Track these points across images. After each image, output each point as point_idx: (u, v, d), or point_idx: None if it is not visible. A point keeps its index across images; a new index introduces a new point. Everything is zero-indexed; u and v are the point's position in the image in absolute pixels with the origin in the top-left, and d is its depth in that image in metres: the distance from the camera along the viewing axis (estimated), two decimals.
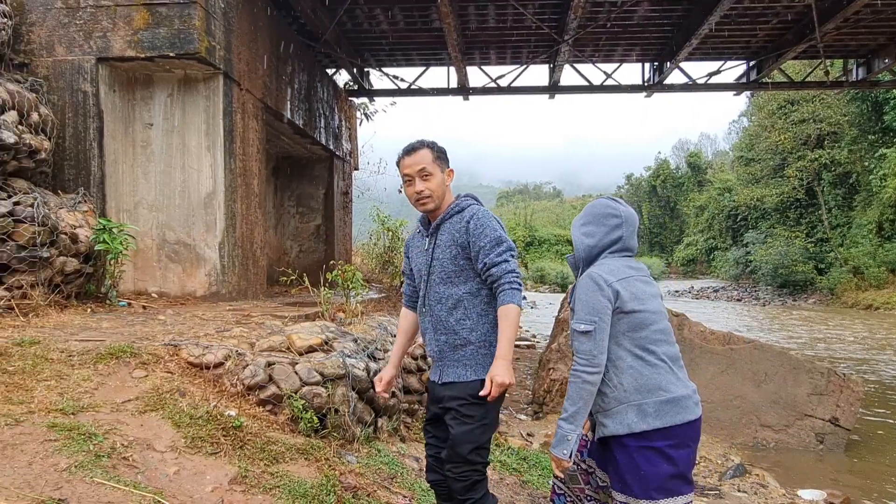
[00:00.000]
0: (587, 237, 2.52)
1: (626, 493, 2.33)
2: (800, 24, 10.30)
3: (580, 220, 2.59)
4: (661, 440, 2.29)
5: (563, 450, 2.34)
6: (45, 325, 4.45)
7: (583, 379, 2.32)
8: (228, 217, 6.94)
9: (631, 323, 2.36)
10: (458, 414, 2.55)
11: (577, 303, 2.40)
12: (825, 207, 32.13)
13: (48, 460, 2.62)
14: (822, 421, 6.51)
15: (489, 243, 2.52)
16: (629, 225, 2.50)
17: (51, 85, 6.31)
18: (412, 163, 2.63)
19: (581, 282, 2.43)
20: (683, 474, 2.33)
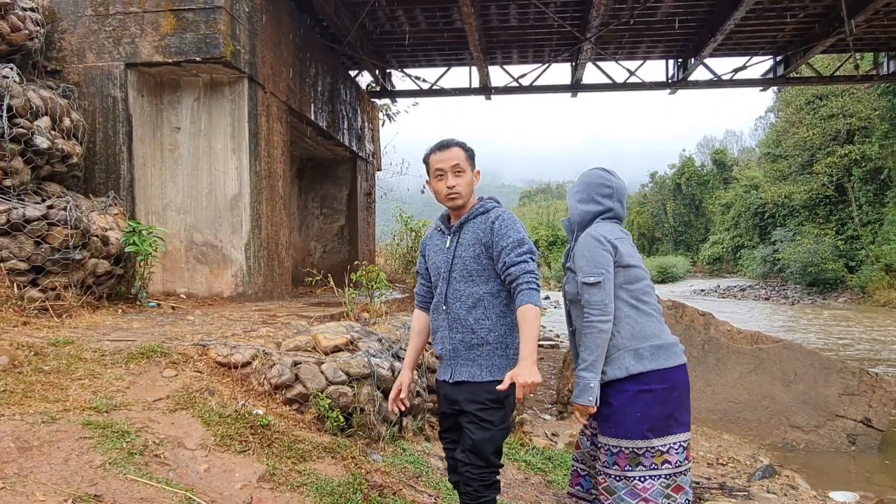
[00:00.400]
0: (581, 203, 2.73)
1: (618, 435, 2.48)
2: (828, 17, 10.11)
3: (575, 189, 2.80)
4: (657, 383, 2.48)
5: (589, 397, 2.47)
6: (78, 326, 4.56)
7: (598, 328, 2.48)
8: (254, 219, 7.03)
9: (627, 276, 2.57)
10: (476, 419, 2.53)
11: (581, 259, 2.57)
12: (856, 204, 31.43)
13: (83, 457, 2.68)
14: (854, 422, 6.38)
15: (511, 244, 2.53)
16: (620, 196, 2.73)
17: (82, 91, 6.45)
18: (446, 158, 2.64)
19: (581, 241, 2.61)
20: (675, 415, 2.50)
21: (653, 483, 2.44)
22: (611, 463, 2.50)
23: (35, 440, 2.72)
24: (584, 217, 2.71)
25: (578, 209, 2.73)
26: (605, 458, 2.53)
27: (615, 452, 2.50)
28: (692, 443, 6.13)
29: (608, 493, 2.51)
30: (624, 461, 2.47)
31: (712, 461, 5.69)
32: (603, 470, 2.53)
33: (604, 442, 2.54)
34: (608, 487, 2.51)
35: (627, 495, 2.45)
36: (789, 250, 32.49)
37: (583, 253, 2.57)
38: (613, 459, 2.50)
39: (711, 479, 5.10)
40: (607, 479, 2.51)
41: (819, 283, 30.33)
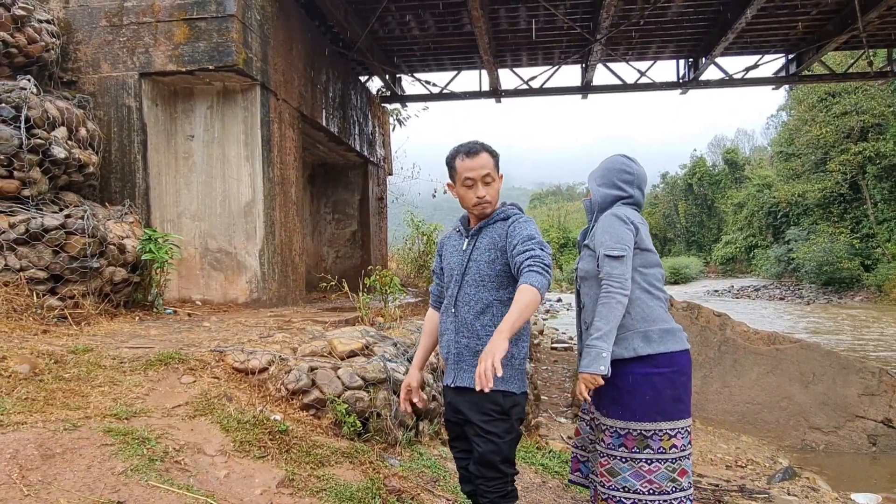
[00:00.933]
0: (602, 187, 2.78)
1: (627, 417, 2.49)
2: (841, 14, 10.03)
3: (597, 173, 2.85)
4: (666, 366, 2.50)
5: (601, 366, 2.43)
6: (96, 333, 4.60)
7: (616, 300, 2.47)
8: (268, 225, 7.07)
9: (643, 260, 2.61)
10: (482, 431, 2.48)
11: (604, 234, 2.60)
12: (871, 202, 31.11)
13: (105, 464, 2.71)
14: (875, 422, 6.31)
15: (523, 238, 2.46)
16: (640, 183, 2.79)
17: (97, 101, 6.53)
18: (476, 166, 2.58)
19: (604, 219, 2.65)
20: (682, 399, 2.51)
21: (659, 466, 2.46)
22: (617, 445, 2.50)
23: (58, 447, 2.75)
24: (605, 199, 2.75)
25: (600, 192, 2.78)
26: (611, 440, 2.52)
27: (623, 434, 2.50)
28: (710, 445, 6.09)
29: (611, 474, 2.50)
30: (632, 443, 2.48)
31: (731, 463, 5.64)
32: (607, 452, 2.53)
33: (609, 424, 2.53)
34: (611, 469, 2.50)
35: (632, 476, 2.46)
36: (804, 249, 32.22)
37: (606, 229, 2.60)
38: (620, 441, 2.50)
39: (731, 481, 5.06)
40: (611, 461, 2.51)
41: (834, 283, 30.04)
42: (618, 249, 2.52)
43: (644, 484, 2.44)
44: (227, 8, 6.46)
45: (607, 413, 2.54)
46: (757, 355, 6.63)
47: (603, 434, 2.55)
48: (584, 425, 2.78)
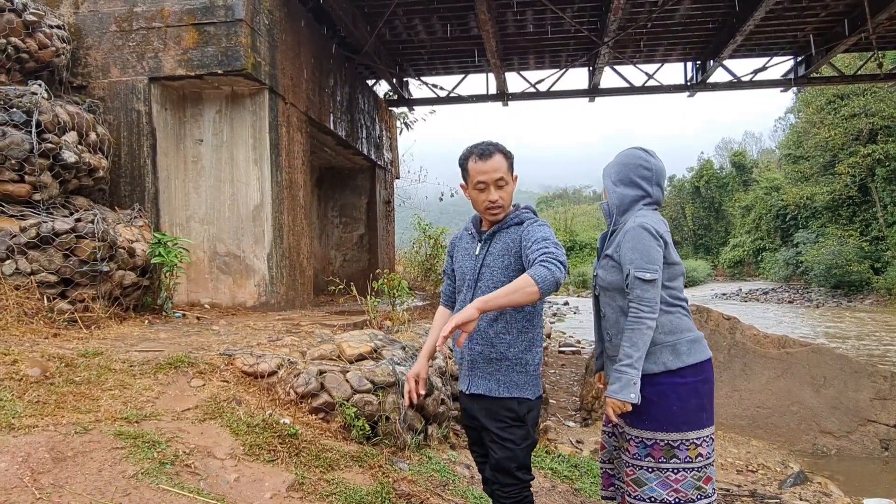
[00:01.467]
0: (618, 186, 2.61)
1: (654, 428, 2.45)
2: (850, 16, 9.98)
3: (612, 170, 2.67)
4: (692, 376, 2.47)
5: (631, 393, 2.38)
6: (106, 337, 4.61)
7: (647, 325, 2.40)
8: (276, 228, 7.09)
9: (670, 273, 2.52)
10: (497, 438, 2.47)
11: (633, 252, 2.45)
12: (880, 204, 30.89)
13: (116, 467, 2.71)
14: (887, 426, 6.25)
15: (537, 239, 2.39)
16: (659, 179, 2.62)
17: (107, 105, 6.57)
18: (489, 169, 2.50)
19: (634, 232, 2.47)
20: (706, 407, 2.50)
21: (685, 475, 2.44)
22: (643, 455, 2.47)
23: (69, 451, 2.76)
24: (623, 201, 2.59)
25: (616, 192, 2.61)
26: (637, 450, 2.49)
27: (649, 445, 2.46)
28: (721, 449, 6.05)
29: (637, 484, 2.48)
30: (659, 453, 2.45)
31: (742, 468, 5.60)
32: (633, 462, 2.50)
33: (635, 434, 2.49)
34: (637, 479, 2.48)
35: (659, 486, 2.44)
36: (812, 252, 32.01)
37: (635, 245, 2.44)
38: (647, 451, 2.47)
39: (742, 486, 5.02)
40: (637, 471, 2.48)
41: (844, 286, 29.82)
42: (650, 272, 2.40)
43: (670, 493, 2.43)
44: (236, 13, 6.49)
45: (633, 423, 2.49)
46: (767, 359, 6.59)
47: (628, 444, 2.52)
48: (607, 437, 2.75)
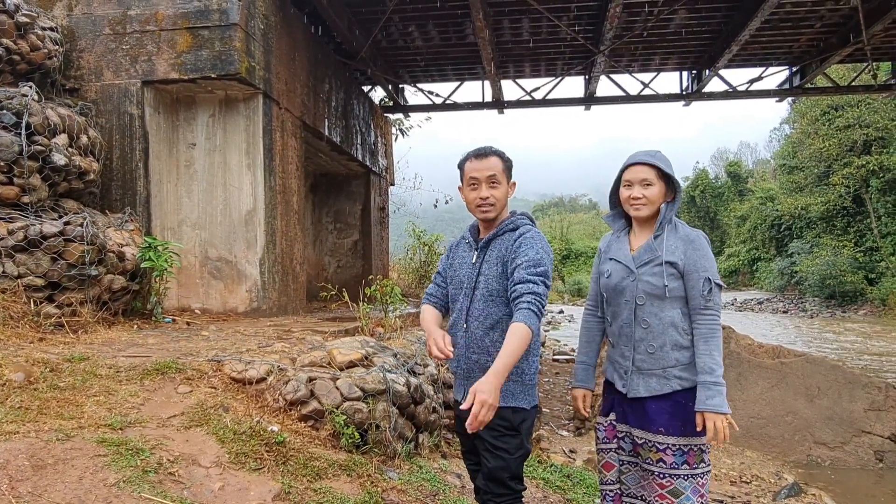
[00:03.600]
0: (679, 189, 2.60)
1: (687, 433, 2.47)
2: (845, 27, 10.02)
3: (667, 164, 2.60)
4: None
5: (726, 404, 2.43)
6: (93, 342, 4.55)
7: (720, 330, 2.51)
8: (269, 234, 7.04)
9: None
10: (491, 447, 2.45)
11: (705, 259, 2.51)
12: (874, 215, 31.01)
13: (97, 475, 2.65)
14: (882, 438, 6.22)
15: (527, 262, 2.40)
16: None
17: (99, 108, 6.52)
18: (483, 167, 2.53)
19: (700, 240, 2.54)
20: None
21: (706, 478, 2.52)
22: (680, 463, 2.49)
23: (49, 458, 2.70)
24: (679, 206, 2.63)
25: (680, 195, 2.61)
26: (674, 458, 2.49)
27: (686, 451, 2.49)
28: (715, 460, 6.01)
29: (674, 496, 2.48)
30: (693, 459, 2.49)
31: (736, 479, 5.56)
32: (669, 473, 2.49)
33: (672, 442, 2.49)
34: (674, 490, 2.48)
35: (692, 493, 2.47)
36: (807, 262, 32.09)
37: (705, 253, 2.52)
38: (684, 458, 2.49)
39: (735, 497, 4.98)
40: (675, 482, 2.49)
41: (838, 296, 29.89)
42: (719, 280, 2.52)
43: (698, 499, 2.48)
44: (230, 17, 6.46)
45: (669, 431, 2.49)
46: (762, 369, 6.56)
47: (662, 454, 2.50)
48: (613, 455, 2.67)
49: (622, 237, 2.71)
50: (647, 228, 2.64)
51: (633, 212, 2.61)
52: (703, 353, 2.46)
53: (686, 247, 2.52)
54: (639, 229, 2.67)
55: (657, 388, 2.52)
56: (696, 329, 2.50)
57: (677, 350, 2.51)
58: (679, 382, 2.51)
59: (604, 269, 2.70)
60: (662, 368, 2.52)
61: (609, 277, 2.65)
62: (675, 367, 2.51)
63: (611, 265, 2.67)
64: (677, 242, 2.54)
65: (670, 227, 2.58)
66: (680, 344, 2.51)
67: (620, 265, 2.62)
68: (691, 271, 2.49)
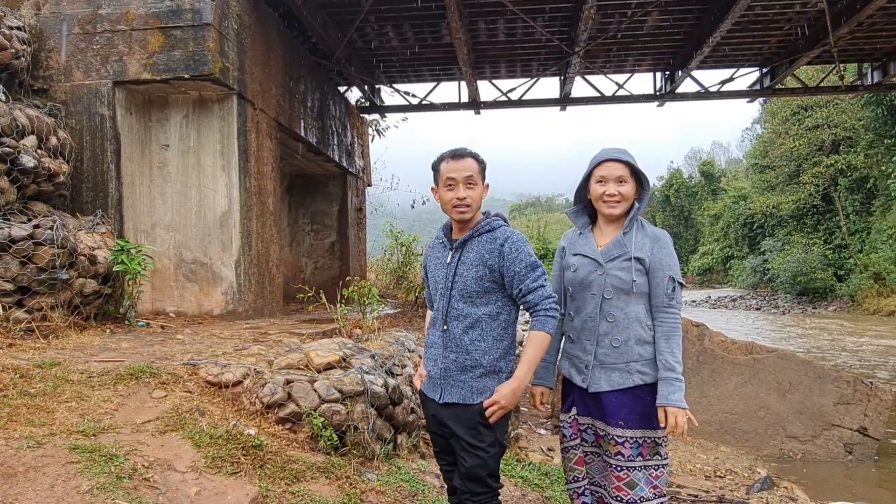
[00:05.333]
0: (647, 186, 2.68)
1: (644, 426, 2.55)
2: (813, 30, 10.23)
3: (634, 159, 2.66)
4: None
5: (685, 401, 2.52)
6: (65, 347, 4.47)
7: (681, 328, 2.59)
8: (244, 235, 6.97)
9: None
10: (468, 445, 2.47)
11: (670, 257, 2.59)
12: (843, 213, 31.73)
13: (70, 482, 2.61)
14: (851, 431, 6.36)
15: (524, 269, 2.47)
16: None
17: (69, 109, 6.40)
18: (459, 168, 2.56)
19: (666, 240, 2.61)
20: None
21: (662, 472, 2.57)
22: (635, 455, 2.55)
23: (20, 466, 2.65)
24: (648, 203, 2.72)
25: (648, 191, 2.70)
26: (630, 451, 2.55)
27: (641, 443, 2.55)
28: (689, 455, 6.09)
29: (630, 487, 2.54)
30: (647, 451, 2.55)
31: (710, 473, 5.64)
32: (626, 465, 2.55)
33: (629, 435, 2.55)
34: (631, 482, 2.54)
35: (646, 484, 2.53)
36: (779, 260, 32.71)
37: (670, 252, 2.59)
38: (638, 451, 2.55)
39: (710, 492, 5.06)
40: (630, 473, 2.54)
41: (809, 293, 30.51)
42: (682, 278, 2.61)
43: (651, 489, 2.53)
44: (203, 17, 6.39)
45: (628, 425, 2.55)
46: (735, 365, 6.67)
47: (620, 447, 2.55)
48: (579, 452, 2.70)
49: (586, 233, 2.74)
50: (614, 225, 2.68)
51: (608, 209, 2.63)
52: (665, 350, 2.54)
53: (653, 244, 2.58)
54: (605, 226, 2.71)
55: (619, 382, 2.56)
56: (658, 326, 2.58)
57: (640, 345, 2.56)
58: (641, 377, 2.56)
59: (569, 264, 2.72)
60: (625, 363, 2.56)
61: (575, 272, 2.67)
62: (637, 362, 2.56)
63: (577, 260, 2.69)
64: (644, 240, 2.59)
65: (637, 225, 2.63)
66: (643, 339, 2.57)
67: (588, 259, 2.66)
68: (657, 269, 2.56)
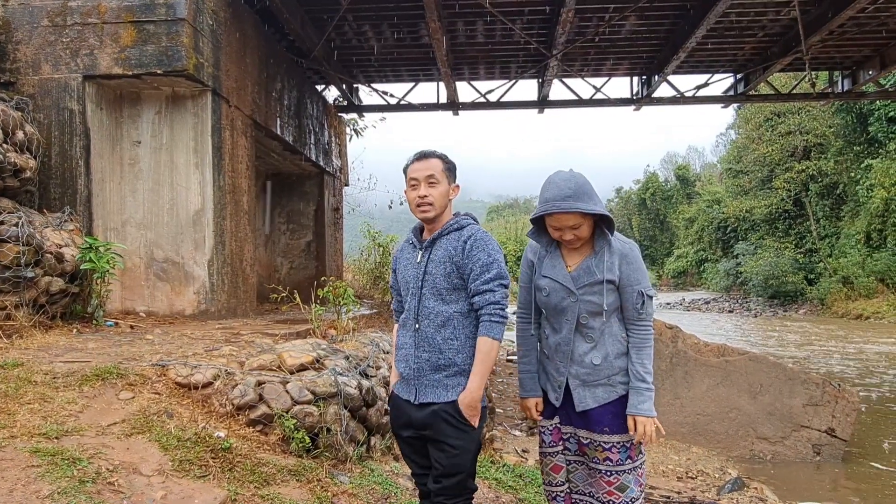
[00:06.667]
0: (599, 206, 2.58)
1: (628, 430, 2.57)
2: (786, 37, 10.41)
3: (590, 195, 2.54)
4: None
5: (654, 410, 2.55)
6: (28, 347, 4.35)
7: (653, 341, 2.62)
8: (217, 234, 6.87)
9: None
10: (445, 446, 2.45)
11: (638, 272, 2.59)
12: (813, 218, 32.38)
13: (30, 487, 2.53)
14: (819, 432, 6.47)
15: (480, 268, 2.46)
16: None
17: (37, 103, 6.25)
18: (422, 167, 2.57)
19: (633, 255, 2.60)
20: None
21: (644, 468, 2.64)
22: (624, 458, 2.58)
23: None
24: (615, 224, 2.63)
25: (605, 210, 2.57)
26: (619, 455, 2.57)
27: (628, 447, 2.58)
28: (662, 457, 6.14)
29: (621, 490, 2.57)
30: (634, 452, 2.59)
31: (682, 475, 5.70)
32: (616, 470, 2.57)
33: (616, 440, 2.57)
34: (621, 485, 2.57)
35: (634, 485, 2.57)
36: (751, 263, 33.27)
37: (637, 266, 2.59)
38: (627, 454, 2.58)
39: (682, 493, 5.10)
40: (621, 477, 2.57)
41: (780, 296, 31.08)
42: (653, 290, 2.64)
43: (638, 488, 2.58)
44: (177, 11, 6.28)
45: (613, 430, 2.57)
46: (707, 367, 6.74)
47: (608, 453, 2.57)
48: (560, 457, 2.71)
49: (553, 252, 2.69)
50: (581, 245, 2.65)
51: (571, 247, 2.64)
52: (636, 361, 2.57)
53: (621, 261, 2.58)
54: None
55: (605, 398, 2.59)
56: (630, 338, 2.60)
57: (619, 358, 2.60)
58: (624, 388, 2.60)
59: (540, 287, 2.68)
60: (608, 377, 2.59)
61: (548, 297, 2.65)
62: (618, 374, 2.60)
63: (547, 283, 2.65)
64: (613, 258, 2.58)
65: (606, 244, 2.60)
66: (621, 352, 2.60)
67: (559, 285, 2.62)
68: (626, 286, 2.58)
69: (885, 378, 11.42)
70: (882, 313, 23.58)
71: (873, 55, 11.45)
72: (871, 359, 13.93)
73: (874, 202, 25.75)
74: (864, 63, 11.80)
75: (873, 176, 25.73)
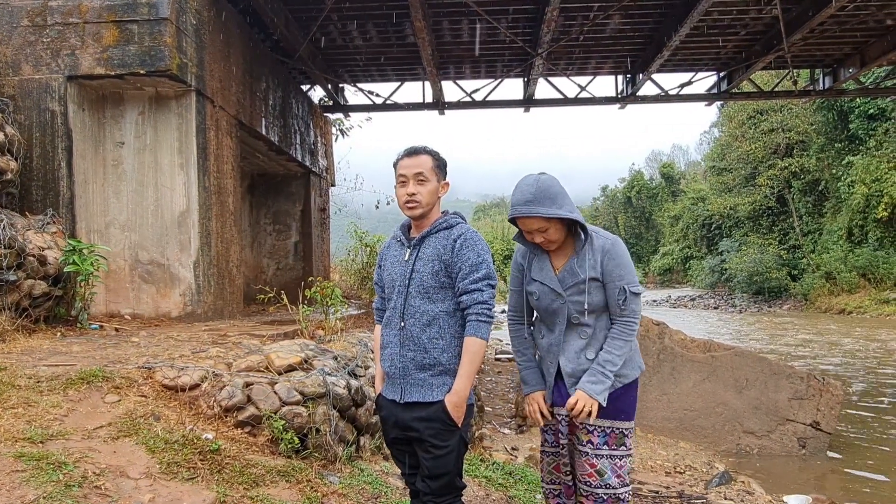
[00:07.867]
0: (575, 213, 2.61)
1: (611, 417, 2.63)
2: (768, 35, 10.51)
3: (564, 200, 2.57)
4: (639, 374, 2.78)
5: (604, 398, 2.57)
6: (11, 351, 4.29)
7: (635, 336, 2.62)
8: (203, 235, 6.82)
9: None
10: (431, 446, 2.44)
11: (623, 268, 2.60)
12: (796, 215, 32.75)
13: (15, 492, 2.50)
14: (804, 425, 6.55)
15: (468, 267, 2.45)
16: None
17: (17, 104, 6.16)
18: (411, 164, 2.54)
19: (615, 250, 2.61)
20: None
21: (625, 462, 2.64)
22: (602, 444, 2.62)
23: None
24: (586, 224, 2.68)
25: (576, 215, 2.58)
26: (598, 439, 2.61)
27: (608, 433, 2.61)
28: (650, 452, 6.18)
29: (599, 474, 2.61)
30: (613, 441, 2.62)
31: (670, 469, 5.74)
32: (596, 453, 2.61)
33: (598, 424, 2.61)
34: (600, 469, 2.61)
35: (611, 473, 2.60)
36: (735, 260, 33.60)
37: (620, 261, 2.61)
38: (605, 440, 2.62)
39: (670, 487, 5.14)
40: (599, 461, 2.61)
41: (764, 292, 31.42)
42: (639, 287, 2.65)
43: (616, 479, 2.60)
44: (160, 11, 6.22)
45: (598, 414, 2.61)
46: (694, 363, 6.80)
47: (590, 435, 2.62)
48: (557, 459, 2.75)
49: (541, 254, 2.72)
50: (565, 246, 2.69)
51: (548, 248, 2.69)
52: (609, 349, 2.60)
53: (603, 257, 2.61)
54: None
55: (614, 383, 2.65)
56: (611, 331, 2.63)
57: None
58: (619, 380, 2.63)
59: (531, 291, 2.73)
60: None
61: (539, 300, 2.71)
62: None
63: (537, 287, 2.70)
64: (595, 256, 2.61)
65: (588, 242, 2.63)
66: None
67: (547, 288, 2.67)
68: (608, 281, 2.60)
69: (868, 372, 11.58)
70: (864, 308, 23.90)
71: (853, 53, 11.59)
72: (852, 352, 14.11)
73: (855, 198, 26.10)
74: (845, 61, 11.94)
75: (854, 172, 26.08)
